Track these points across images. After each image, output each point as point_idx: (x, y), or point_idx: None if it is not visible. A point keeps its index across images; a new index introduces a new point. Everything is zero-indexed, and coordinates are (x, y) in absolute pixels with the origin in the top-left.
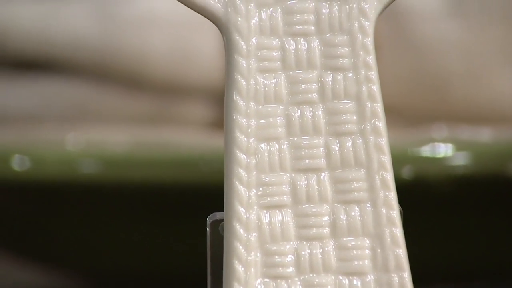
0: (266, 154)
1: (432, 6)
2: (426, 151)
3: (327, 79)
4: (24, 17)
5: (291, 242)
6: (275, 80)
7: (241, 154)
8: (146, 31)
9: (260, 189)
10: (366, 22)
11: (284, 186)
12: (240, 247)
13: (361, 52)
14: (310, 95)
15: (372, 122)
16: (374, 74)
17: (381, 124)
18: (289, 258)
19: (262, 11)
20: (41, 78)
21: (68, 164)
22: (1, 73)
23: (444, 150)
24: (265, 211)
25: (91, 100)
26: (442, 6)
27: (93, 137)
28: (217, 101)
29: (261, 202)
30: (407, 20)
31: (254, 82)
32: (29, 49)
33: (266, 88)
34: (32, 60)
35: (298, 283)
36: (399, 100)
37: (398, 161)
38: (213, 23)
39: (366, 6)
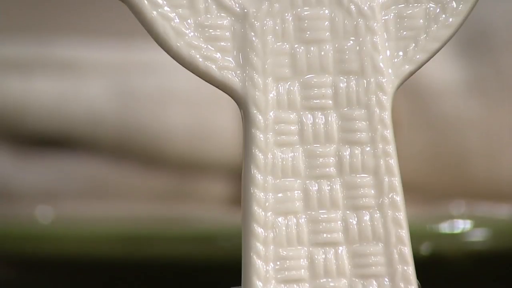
0: (283, 228)
1: (451, 83)
2: (444, 227)
3: (345, 153)
4: (43, 93)
5: None
6: (292, 154)
7: (259, 228)
8: (164, 107)
9: (278, 263)
10: (384, 97)
11: (301, 260)
12: None
13: (378, 126)
14: (327, 169)
15: (390, 196)
16: (391, 148)
17: (399, 198)
18: None
19: (279, 85)
20: (59, 155)
21: (86, 241)
22: (19, 150)
23: (462, 226)
24: (283, 285)
25: (110, 177)
26: (461, 84)
27: (111, 213)
28: (236, 177)
29: (278, 276)
30: (426, 97)
31: (271, 156)
32: (48, 126)
33: (284, 162)
34: (51, 137)
35: None
36: (418, 176)
37: (416, 237)
38: (231, 97)
39: (383, 80)
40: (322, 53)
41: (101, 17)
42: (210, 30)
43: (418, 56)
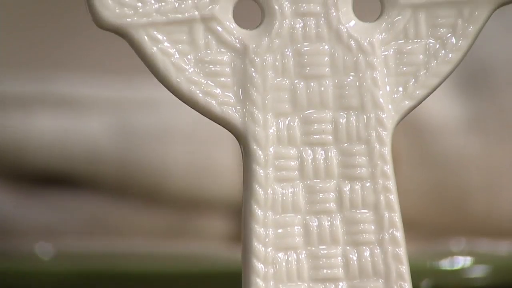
0: (284, 263)
1: (451, 120)
2: (444, 264)
3: (345, 189)
4: (43, 130)
5: None
6: (292, 189)
7: (259, 263)
8: (164, 144)
9: None
10: (384, 132)
11: None
12: None
13: (378, 162)
14: (327, 205)
15: (390, 232)
16: (391, 184)
17: (399, 234)
18: None
19: (279, 120)
20: (59, 191)
21: (86, 278)
22: (20, 187)
23: (462, 263)
24: None
25: (110, 214)
26: (461, 121)
27: (112, 251)
28: (236, 214)
29: None
30: (426, 133)
31: (271, 192)
32: (48, 163)
33: (284, 198)
34: (51, 174)
35: None
36: (417, 213)
37: (416, 273)
38: (231, 132)
39: (383, 116)
40: (322, 88)
41: (101, 53)
42: (210, 66)
43: (418, 92)
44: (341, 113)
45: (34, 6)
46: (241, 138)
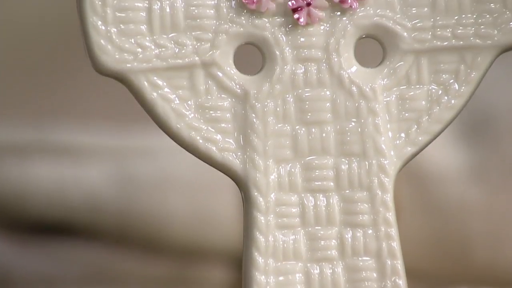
0: None
1: (454, 168)
2: None
3: (347, 236)
4: (41, 178)
5: None
6: (294, 236)
7: None
8: (164, 193)
9: None
10: (386, 179)
11: None
12: None
13: (380, 209)
14: (329, 252)
15: (392, 279)
16: (394, 231)
17: (401, 281)
18: None
19: (280, 166)
20: (58, 241)
21: None
22: (18, 236)
23: None
24: None
25: (110, 263)
26: (464, 169)
27: None
28: (237, 263)
29: None
30: (428, 181)
31: (272, 239)
32: (46, 212)
33: (285, 245)
34: (49, 223)
35: None
36: (419, 261)
37: None
38: (232, 179)
39: (385, 162)
40: (324, 134)
41: (100, 101)
42: (211, 112)
43: (420, 138)
44: (343, 160)
45: (32, 52)
46: (242, 185)
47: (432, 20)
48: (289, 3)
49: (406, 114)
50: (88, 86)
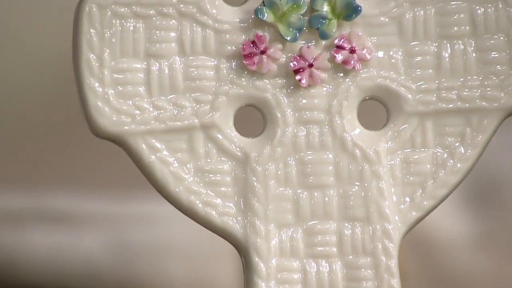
0: None
1: (460, 236)
2: None
3: None
4: (36, 246)
5: None
6: None
7: None
8: (162, 260)
9: None
10: (390, 244)
11: None
12: None
13: (385, 275)
14: None
15: None
16: None
17: None
18: None
19: (282, 231)
20: None
21: None
22: None
23: None
24: None
25: None
26: (470, 237)
27: None
28: None
29: None
30: (434, 249)
31: None
32: (42, 280)
33: None
34: None
35: None
36: None
37: None
38: (232, 244)
39: (390, 227)
40: (326, 199)
41: (97, 167)
42: (210, 175)
43: (425, 203)
44: (346, 224)
45: (27, 118)
46: (242, 250)
47: (437, 81)
48: (291, 64)
49: (411, 178)
50: (84, 153)
